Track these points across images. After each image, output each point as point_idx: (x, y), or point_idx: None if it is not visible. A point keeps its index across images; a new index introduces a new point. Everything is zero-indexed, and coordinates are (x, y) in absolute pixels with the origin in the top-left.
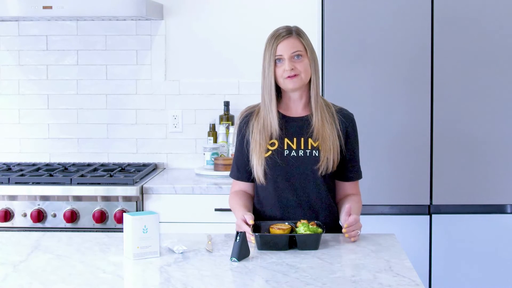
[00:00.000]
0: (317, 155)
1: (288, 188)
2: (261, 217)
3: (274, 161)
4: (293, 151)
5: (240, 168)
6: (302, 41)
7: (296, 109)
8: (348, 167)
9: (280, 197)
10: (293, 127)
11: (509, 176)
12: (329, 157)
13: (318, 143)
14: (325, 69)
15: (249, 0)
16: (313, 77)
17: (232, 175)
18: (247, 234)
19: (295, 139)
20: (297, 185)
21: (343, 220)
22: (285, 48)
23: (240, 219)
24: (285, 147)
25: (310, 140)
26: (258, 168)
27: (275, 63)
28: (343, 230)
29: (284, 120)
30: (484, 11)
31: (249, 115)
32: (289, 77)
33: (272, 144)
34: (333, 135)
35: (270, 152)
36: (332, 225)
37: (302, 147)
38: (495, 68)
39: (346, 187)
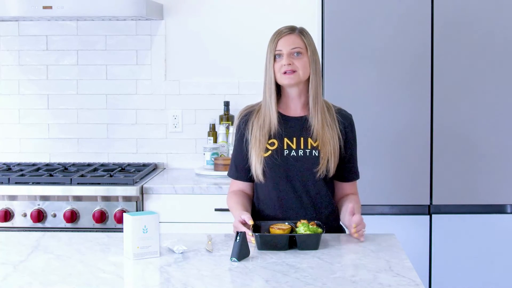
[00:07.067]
0: (316, 155)
1: (288, 188)
2: (261, 217)
3: (274, 161)
4: (293, 150)
5: (239, 168)
6: (304, 39)
7: (295, 109)
8: (347, 167)
9: (281, 197)
10: (292, 126)
11: (509, 176)
12: (329, 161)
13: (318, 143)
14: (325, 69)
15: (250, 0)
16: (312, 77)
17: (230, 175)
18: (247, 235)
19: (294, 138)
20: (297, 185)
21: (347, 220)
22: (285, 43)
23: (237, 220)
24: (285, 147)
25: (310, 140)
26: (257, 166)
27: (275, 58)
28: (353, 230)
29: (284, 120)
30: (483, 12)
31: (249, 114)
32: (285, 72)
33: (272, 144)
34: (334, 140)
35: (270, 152)
36: (334, 224)
37: (302, 147)
38: (494, 68)
39: (344, 187)
